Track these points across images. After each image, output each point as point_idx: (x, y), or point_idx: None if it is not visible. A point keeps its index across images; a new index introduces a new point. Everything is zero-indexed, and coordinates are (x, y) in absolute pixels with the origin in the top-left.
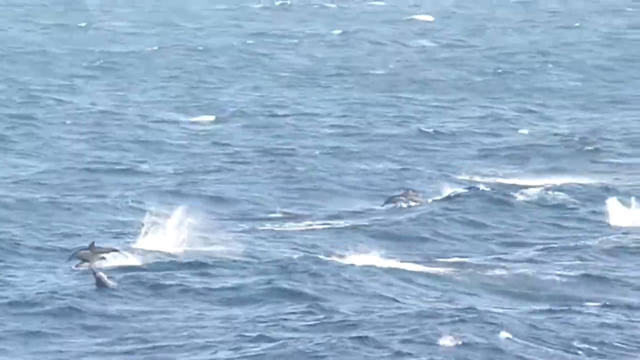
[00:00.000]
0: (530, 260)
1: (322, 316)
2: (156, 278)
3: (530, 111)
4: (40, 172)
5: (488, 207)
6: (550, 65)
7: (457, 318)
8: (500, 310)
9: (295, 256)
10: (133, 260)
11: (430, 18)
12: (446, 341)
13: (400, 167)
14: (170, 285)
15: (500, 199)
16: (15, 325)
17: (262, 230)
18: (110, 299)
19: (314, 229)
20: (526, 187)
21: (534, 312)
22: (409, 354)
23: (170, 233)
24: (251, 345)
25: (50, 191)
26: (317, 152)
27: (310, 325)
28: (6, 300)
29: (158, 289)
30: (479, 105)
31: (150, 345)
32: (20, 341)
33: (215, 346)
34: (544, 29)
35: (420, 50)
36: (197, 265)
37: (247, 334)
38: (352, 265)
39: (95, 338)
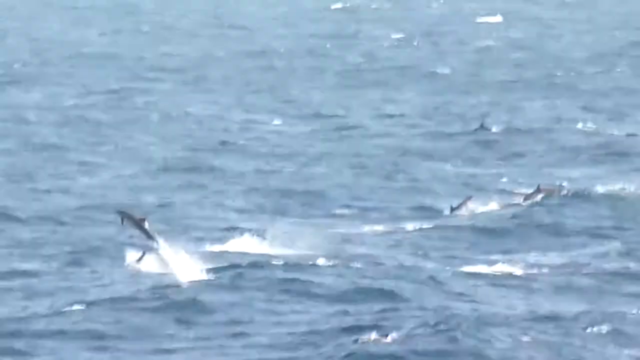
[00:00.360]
0: (614, 259)
1: (408, 314)
2: (251, 275)
3: (599, 111)
4: (119, 175)
5: (567, 205)
6: (619, 69)
7: (541, 317)
8: (584, 310)
9: (381, 255)
10: (229, 258)
11: (498, 19)
12: (530, 340)
13: (471, 167)
14: (265, 283)
15: (580, 197)
16: (114, 322)
17: (346, 230)
18: (205, 293)
19: (395, 229)
20: (603, 186)
21: (619, 311)
22: (494, 350)
23: (261, 232)
24: (346, 341)
25: (136, 192)
26: (389, 151)
27: (399, 322)
28: (103, 298)
29: (253, 285)
30: (547, 105)
31: (245, 340)
32: (119, 337)
33: (309, 341)
34: (608, 30)
35: (487, 50)
36: (290, 264)
37: (340, 330)
38: (435, 264)
39: (192, 332)
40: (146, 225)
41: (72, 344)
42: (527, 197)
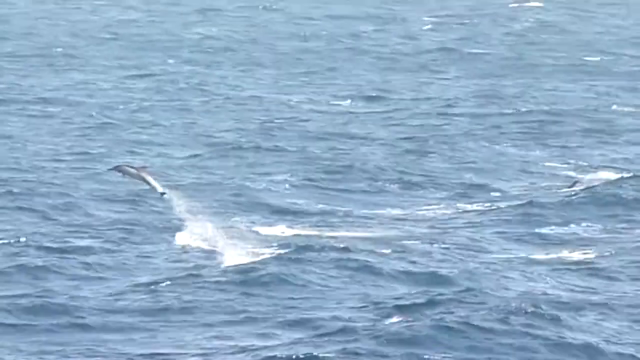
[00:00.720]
0: None
1: (465, 295)
2: (308, 254)
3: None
4: (170, 156)
5: (622, 185)
6: None
7: (608, 298)
8: None
9: (436, 235)
10: (284, 237)
11: (534, 3)
12: (594, 324)
13: (515, 147)
14: (322, 262)
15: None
16: (178, 297)
17: (399, 210)
18: (265, 269)
19: (447, 209)
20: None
21: None
22: (562, 334)
23: (314, 212)
24: (399, 317)
25: (188, 172)
26: (433, 132)
27: (456, 303)
28: (163, 275)
29: (310, 263)
30: (583, 87)
31: (303, 314)
32: (185, 310)
33: (366, 317)
34: None
35: (523, 34)
36: (346, 244)
37: (394, 307)
38: (491, 246)
39: (255, 306)
40: (146, 174)
41: (138, 319)
42: (574, 183)
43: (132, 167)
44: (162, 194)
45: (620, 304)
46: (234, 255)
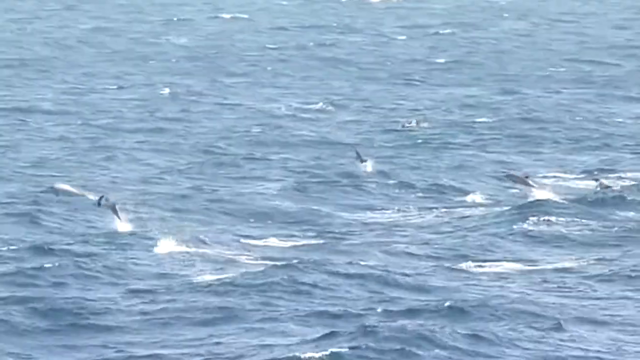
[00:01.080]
0: None
1: (437, 303)
2: (295, 264)
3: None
4: (150, 165)
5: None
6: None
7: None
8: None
9: (414, 241)
10: (270, 247)
11: (507, 14)
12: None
13: (493, 154)
14: (308, 269)
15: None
16: (193, 299)
17: (380, 217)
18: (286, 275)
19: (427, 216)
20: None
21: None
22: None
23: (299, 220)
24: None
25: (169, 183)
26: (408, 141)
27: (428, 309)
28: (175, 280)
29: (296, 271)
30: (561, 94)
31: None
32: (204, 313)
33: (344, 317)
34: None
35: (494, 43)
36: (328, 252)
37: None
38: (467, 253)
39: (253, 309)
40: (78, 189)
41: (140, 320)
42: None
43: (66, 185)
44: (100, 198)
45: (621, 309)
46: (225, 262)
